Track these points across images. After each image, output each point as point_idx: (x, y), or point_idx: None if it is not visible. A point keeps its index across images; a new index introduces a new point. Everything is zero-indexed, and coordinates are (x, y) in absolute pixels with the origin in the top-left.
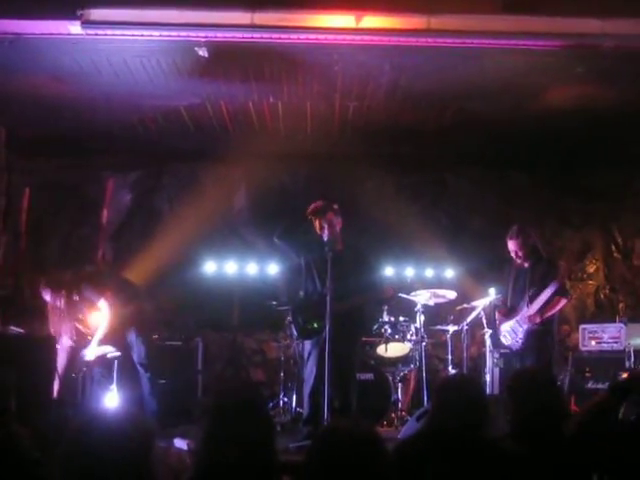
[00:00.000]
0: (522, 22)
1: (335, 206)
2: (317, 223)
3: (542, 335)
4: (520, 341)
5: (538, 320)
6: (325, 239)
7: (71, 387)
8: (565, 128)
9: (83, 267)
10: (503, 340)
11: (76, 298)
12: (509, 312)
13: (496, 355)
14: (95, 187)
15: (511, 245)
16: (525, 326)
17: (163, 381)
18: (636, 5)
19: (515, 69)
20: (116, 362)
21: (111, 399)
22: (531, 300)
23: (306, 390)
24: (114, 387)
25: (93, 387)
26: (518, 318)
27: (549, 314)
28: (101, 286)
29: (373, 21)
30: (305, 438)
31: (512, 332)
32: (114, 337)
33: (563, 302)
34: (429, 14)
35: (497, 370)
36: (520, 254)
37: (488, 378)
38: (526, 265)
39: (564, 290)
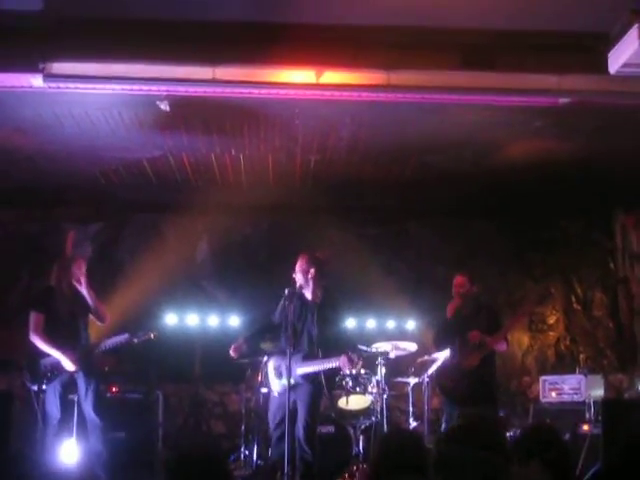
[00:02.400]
0: (480, 78)
1: (306, 254)
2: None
3: (490, 387)
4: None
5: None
6: (295, 289)
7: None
8: (525, 180)
9: None
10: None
11: None
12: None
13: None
14: (56, 238)
15: (460, 279)
16: (469, 378)
17: (122, 434)
18: (592, 62)
19: (474, 123)
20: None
21: (68, 450)
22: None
23: (273, 440)
24: (73, 437)
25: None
26: (462, 367)
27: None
28: None
29: (333, 77)
30: None
31: (452, 382)
32: None
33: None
34: (389, 70)
35: None
36: (462, 291)
37: None
38: (468, 311)
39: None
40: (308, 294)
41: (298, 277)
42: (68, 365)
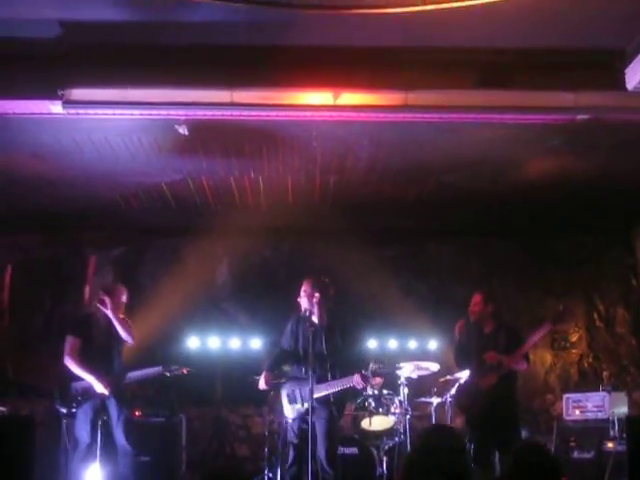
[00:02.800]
0: (497, 96)
1: (310, 278)
2: (304, 301)
3: (510, 406)
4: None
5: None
6: (302, 314)
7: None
8: (544, 197)
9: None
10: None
11: None
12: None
13: None
14: (77, 263)
15: (474, 298)
16: (488, 396)
17: (146, 458)
18: (609, 78)
19: (492, 141)
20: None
21: (93, 475)
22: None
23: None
24: (97, 461)
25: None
26: (481, 386)
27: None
28: None
29: (351, 98)
30: None
31: (471, 400)
32: None
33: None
34: (406, 90)
35: None
36: (476, 310)
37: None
38: (487, 330)
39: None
40: (315, 318)
41: (303, 301)
42: (100, 389)
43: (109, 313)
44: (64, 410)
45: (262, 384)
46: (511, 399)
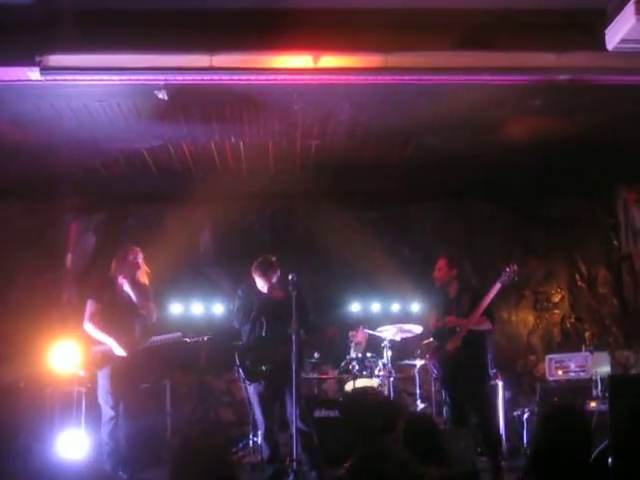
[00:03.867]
0: (478, 58)
1: (273, 259)
2: (260, 282)
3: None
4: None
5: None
6: (266, 291)
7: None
8: (525, 159)
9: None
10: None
11: None
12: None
13: None
14: (59, 230)
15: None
16: (452, 358)
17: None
18: (589, 39)
19: (473, 103)
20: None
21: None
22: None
23: (261, 431)
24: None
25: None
26: (448, 347)
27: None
28: None
29: (331, 61)
30: (271, 477)
31: (438, 362)
32: None
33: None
34: (386, 52)
35: None
36: (439, 275)
37: None
38: (452, 294)
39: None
40: (265, 289)
41: (258, 281)
42: (119, 351)
43: (129, 291)
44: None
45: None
46: (477, 359)
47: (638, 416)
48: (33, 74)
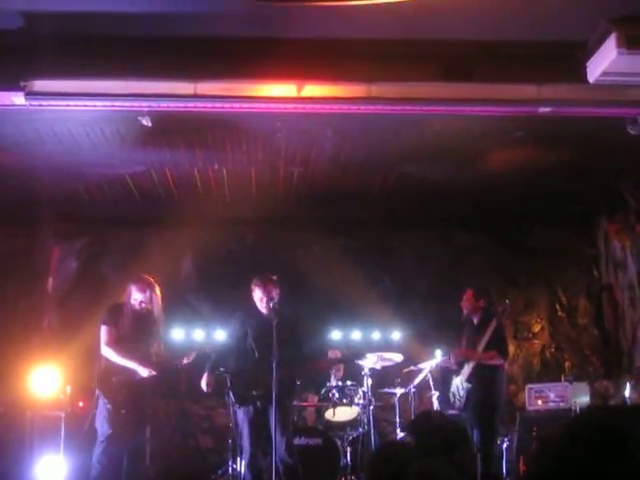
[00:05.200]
0: (460, 89)
1: (274, 277)
2: (259, 294)
3: (484, 399)
4: (459, 401)
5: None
6: (264, 310)
7: None
8: (507, 189)
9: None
10: (451, 397)
11: None
12: (460, 368)
13: None
14: (40, 255)
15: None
16: (466, 389)
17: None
18: (571, 71)
19: (455, 133)
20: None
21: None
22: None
23: (245, 458)
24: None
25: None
26: (462, 375)
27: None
28: None
29: (314, 90)
30: None
31: (457, 391)
32: None
33: (498, 360)
34: (369, 82)
35: None
36: (467, 305)
37: None
38: (475, 322)
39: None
40: (264, 311)
41: (257, 300)
42: (144, 372)
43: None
44: (110, 406)
45: (204, 386)
46: (486, 393)
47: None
48: (18, 99)
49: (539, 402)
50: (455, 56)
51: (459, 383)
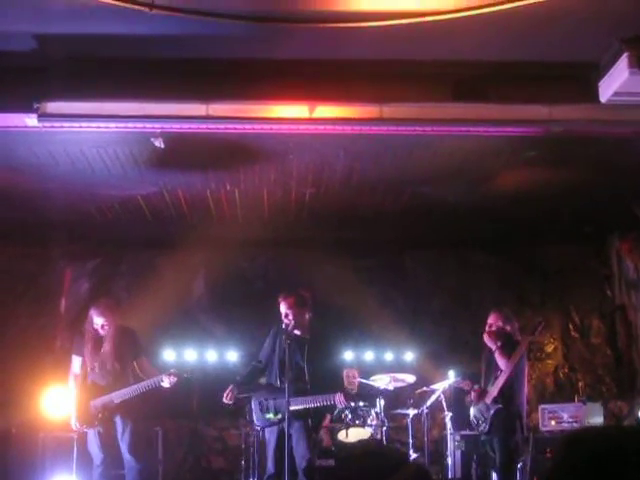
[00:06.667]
0: (472, 110)
1: (300, 293)
2: (283, 305)
3: (510, 419)
4: (484, 424)
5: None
6: (284, 326)
7: None
8: (519, 209)
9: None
10: (472, 421)
11: None
12: (482, 394)
13: (457, 438)
14: (53, 276)
15: (490, 319)
16: (493, 409)
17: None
18: (583, 91)
19: (467, 154)
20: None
21: None
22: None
23: (265, 476)
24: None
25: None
26: (486, 400)
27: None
28: None
29: (326, 111)
30: None
31: (480, 414)
32: None
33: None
34: (381, 103)
35: (459, 453)
36: (494, 330)
37: (450, 461)
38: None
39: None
40: (298, 331)
41: (290, 317)
42: (73, 423)
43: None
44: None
45: (225, 399)
46: (512, 413)
47: None
48: (30, 121)
49: (552, 423)
50: (466, 77)
51: (482, 406)
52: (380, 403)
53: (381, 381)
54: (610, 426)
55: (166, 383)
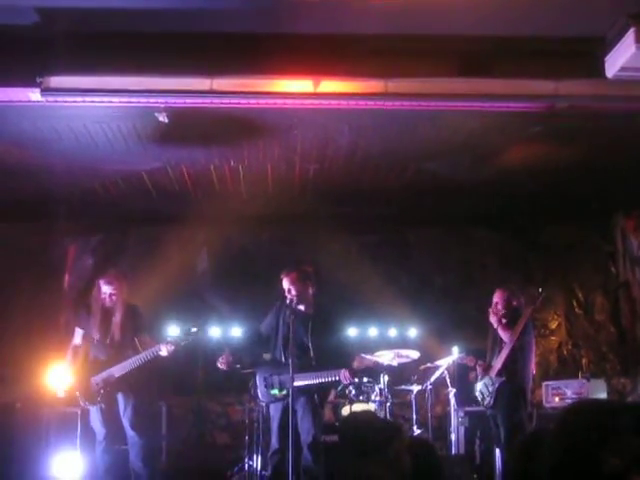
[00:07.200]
0: (477, 84)
1: (302, 268)
2: (283, 284)
3: (514, 394)
4: (489, 398)
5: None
6: (288, 302)
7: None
8: (524, 185)
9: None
10: (478, 396)
11: None
12: (487, 368)
13: (461, 414)
14: (57, 252)
15: (495, 297)
16: (497, 383)
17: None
18: (589, 66)
19: (472, 130)
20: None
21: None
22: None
23: (270, 452)
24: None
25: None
26: (491, 373)
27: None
28: None
29: (331, 85)
30: None
31: (485, 388)
32: None
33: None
34: (386, 78)
35: (462, 429)
36: (499, 307)
37: (453, 437)
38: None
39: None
40: (302, 306)
41: (293, 292)
42: (60, 392)
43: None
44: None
45: (218, 364)
46: (516, 387)
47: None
48: (34, 95)
49: (556, 399)
50: (472, 51)
51: (487, 380)
52: (384, 379)
53: (385, 357)
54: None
55: (164, 352)
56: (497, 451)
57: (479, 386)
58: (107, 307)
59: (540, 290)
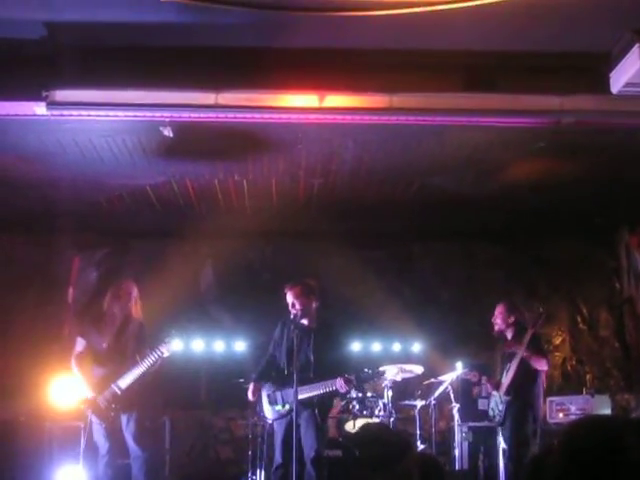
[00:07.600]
0: (482, 100)
1: (306, 282)
2: (287, 298)
3: (520, 409)
4: (499, 417)
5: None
6: (292, 316)
7: None
8: (528, 200)
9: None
10: (489, 412)
11: None
12: (497, 385)
13: (464, 429)
14: (61, 265)
15: (495, 311)
16: (506, 401)
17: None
18: (594, 82)
19: (477, 145)
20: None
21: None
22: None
23: (273, 467)
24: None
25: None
26: (500, 391)
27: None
28: None
29: (336, 100)
30: None
31: (496, 406)
32: None
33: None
34: (391, 93)
35: (466, 444)
36: (498, 321)
37: (457, 452)
38: (509, 337)
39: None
40: (305, 320)
41: (297, 306)
42: (88, 392)
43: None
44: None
45: (250, 396)
46: (523, 405)
47: None
48: (39, 109)
49: (560, 415)
50: (477, 67)
51: (497, 398)
52: (388, 394)
53: (389, 372)
54: (612, 416)
55: (166, 352)
56: (501, 466)
57: (491, 403)
58: (116, 316)
59: (541, 310)
